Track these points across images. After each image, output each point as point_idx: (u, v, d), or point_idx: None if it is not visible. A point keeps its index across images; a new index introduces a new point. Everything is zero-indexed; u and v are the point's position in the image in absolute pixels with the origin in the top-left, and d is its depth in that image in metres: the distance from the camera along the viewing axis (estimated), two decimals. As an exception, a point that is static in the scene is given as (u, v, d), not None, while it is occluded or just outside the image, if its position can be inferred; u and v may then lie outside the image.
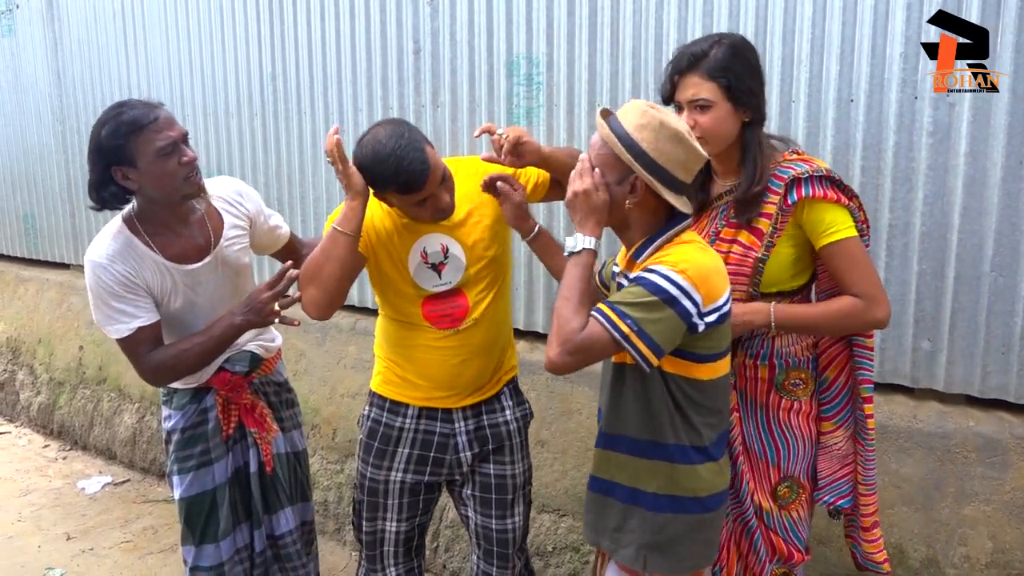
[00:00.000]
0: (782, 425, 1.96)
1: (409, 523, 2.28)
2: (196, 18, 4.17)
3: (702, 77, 1.82)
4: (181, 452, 2.28)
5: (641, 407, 1.72)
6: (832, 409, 1.99)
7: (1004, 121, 2.25)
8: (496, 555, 2.27)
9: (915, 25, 2.32)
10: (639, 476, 1.74)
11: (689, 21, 2.67)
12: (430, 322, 2.11)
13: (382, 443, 2.23)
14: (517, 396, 2.32)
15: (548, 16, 2.98)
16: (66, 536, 3.69)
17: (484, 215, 2.12)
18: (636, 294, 1.61)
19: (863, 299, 1.83)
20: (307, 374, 3.84)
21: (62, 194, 5.24)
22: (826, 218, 1.83)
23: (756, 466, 1.98)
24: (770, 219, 1.85)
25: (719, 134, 1.85)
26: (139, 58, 4.51)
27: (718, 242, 1.91)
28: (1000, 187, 2.28)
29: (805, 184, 1.83)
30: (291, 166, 3.91)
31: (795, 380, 1.95)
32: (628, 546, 1.76)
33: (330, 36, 3.63)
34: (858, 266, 1.84)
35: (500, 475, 2.24)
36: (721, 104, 1.82)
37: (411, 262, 2.07)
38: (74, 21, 4.87)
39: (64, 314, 5.14)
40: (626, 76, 2.83)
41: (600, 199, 1.67)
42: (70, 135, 5.07)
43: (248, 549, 2.40)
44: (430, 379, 2.16)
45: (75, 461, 4.64)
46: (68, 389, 4.93)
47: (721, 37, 1.86)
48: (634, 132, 1.64)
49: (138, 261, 2.08)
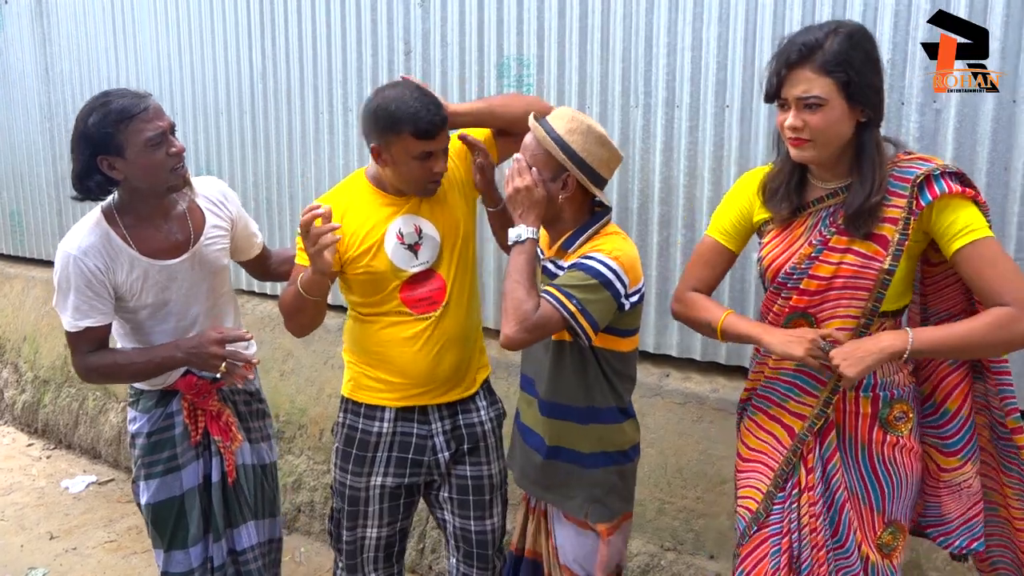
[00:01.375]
0: (887, 463, 1.75)
1: (390, 528, 2.27)
2: (186, 14, 4.15)
3: (815, 72, 1.59)
4: (148, 457, 2.23)
5: (578, 379, 1.94)
6: (958, 443, 1.76)
7: (989, 127, 2.27)
8: (476, 556, 2.27)
9: (903, 31, 2.34)
10: (579, 439, 1.97)
11: (679, 24, 2.68)
12: (409, 307, 2.12)
13: (360, 449, 2.22)
14: (490, 396, 2.34)
15: (539, 18, 2.98)
16: (49, 535, 3.67)
17: (453, 195, 2.18)
18: (578, 278, 1.81)
19: (1015, 306, 1.56)
20: (294, 374, 3.83)
21: (49, 191, 5.21)
22: (961, 216, 1.59)
23: (859, 512, 1.77)
24: (896, 225, 1.62)
25: (831, 136, 1.63)
26: (128, 55, 4.49)
27: (826, 251, 1.68)
28: (985, 192, 2.29)
29: (937, 181, 1.60)
30: (280, 165, 3.90)
31: (899, 413, 1.75)
32: (572, 499, 1.98)
33: (321, 35, 3.62)
34: (1003, 269, 1.58)
35: (477, 476, 2.24)
36: (836, 102, 1.60)
37: (388, 244, 2.09)
38: (63, 16, 4.84)
39: (50, 312, 5.11)
40: (616, 78, 2.84)
41: (540, 194, 1.87)
42: (57, 132, 5.04)
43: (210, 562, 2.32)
44: (407, 375, 2.15)
45: (59, 460, 4.61)
46: (53, 387, 4.90)
47: (838, 25, 1.61)
48: (566, 135, 1.86)
49: (111, 257, 2.08)
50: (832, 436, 1.76)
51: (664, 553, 2.81)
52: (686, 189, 2.75)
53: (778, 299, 1.76)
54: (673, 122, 2.75)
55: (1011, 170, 2.27)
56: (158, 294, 2.15)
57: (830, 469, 1.76)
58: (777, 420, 1.82)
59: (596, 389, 1.94)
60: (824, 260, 1.68)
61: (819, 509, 1.75)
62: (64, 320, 2.10)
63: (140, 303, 2.14)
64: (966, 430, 1.76)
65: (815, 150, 1.64)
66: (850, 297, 1.67)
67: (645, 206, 2.84)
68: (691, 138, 2.72)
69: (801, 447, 1.76)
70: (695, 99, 2.70)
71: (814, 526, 1.75)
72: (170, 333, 2.21)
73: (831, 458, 1.75)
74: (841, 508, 1.75)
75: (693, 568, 2.75)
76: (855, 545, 1.75)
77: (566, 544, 2.05)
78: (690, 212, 2.76)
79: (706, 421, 2.77)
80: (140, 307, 2.15)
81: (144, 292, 2.13)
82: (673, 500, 2.82)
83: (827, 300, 1.70)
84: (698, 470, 2.78)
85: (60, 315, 2.11)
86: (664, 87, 2.74)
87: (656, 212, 2.82)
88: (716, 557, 2.72)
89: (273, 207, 3.96)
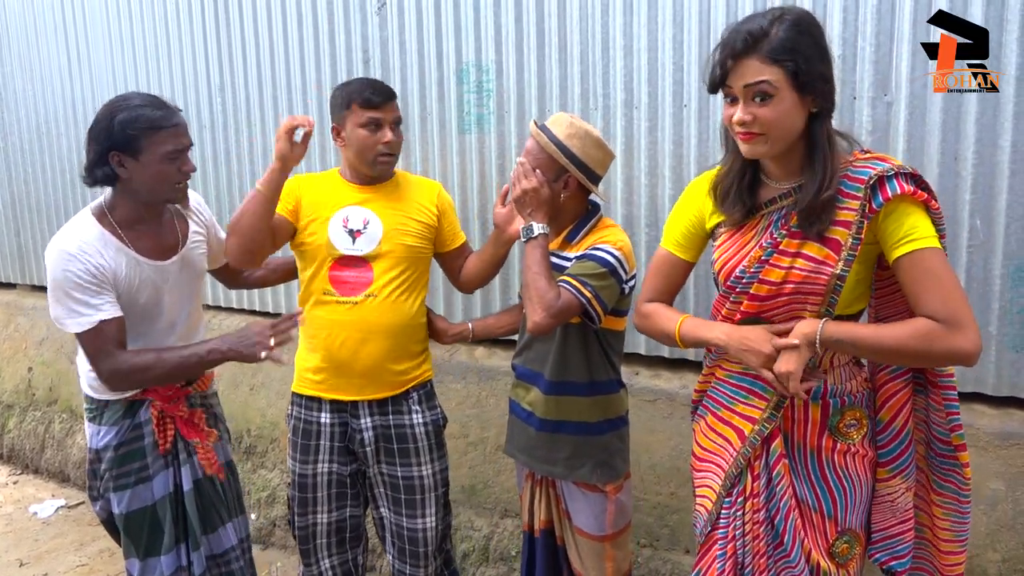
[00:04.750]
0: (837, 470, 1.68)
1: (339, 513, 2.44)
2: (140, 29, 4.10)
3: (763, 61, 1.50)
4: (117, 470, 2.19)
5: (583, 356, 2.13)
6: (888, 455, 1.70)
7: (938, 118, 2.33)
8: (408, 553, 2.40)
9: (851, 26, 2.39)
10: (585, 411, 2.15)
11: (634, 27, 2.71)
12: (333, 286, 2.31)
13: (304, 438, 2.40)
14: (428, 402, 2.45)
15: (496, 23, 3.00)
16: (19, 563, 3.60)
17: (421, 217, 2.39)
18: (590, 267, 2.02)
19: (945, 323, 1.48)
20: (265, 388, 3.79)
21: (6, 212, 5.11)
22: (908, 222, 1.52)
23: (810, 520, 1.70)
24: (848, 228, 1.55)
25: (783, 129, 1.54)
26: (83, 73, 4.43)
27: (776, 255, 1.61)
28: (937, 183, 2.35)
29: (890, 181, 1.52)
30: (243, 178, 3.87)
31: (850, 421, 1.68)
32: (583, 467, 2.15)
33: (278, 46, 3.60)
34: (940, 283, 1.49)
35: (407, 476, 2.38)
36: (786, 93, 1.51)
37: (332, 223, 2.31)
38: (13, 37, 4.76)
39: (11, 335, 5.02)
40: (575, 81, 2.86)
41: (546, 193, 2.06)
42: (12, 153, 4.95)
43: (187, 571, 2.28)
44: (330, 359, 2.32)
45: (26, 485, 4.52)
46: (17, 411, 4.80)
47: (784, 12, 1.53)
48: (566, 139, 2.06)
49: (109, 254, 2.07)
50: (778, 443, 1.70)
51: (640, 550, 2.83)
52: (648, 188, 2.79)
53: (727, 302, 1.71)
54: (632, 123, 2.78)
55: (960, 159, 2.32)
56: (152, 294, 2.16)
57: (775, 476, 1.70)
58: (727, 423, 1.78)
59: (598, 364, 2.14)
60: (774, 264, 1.61)
61: (762, 516, 1.71)
62: (71, 324, 2.02)
63: (133, 302, 2.13)
64: (898, 442, 1.69)
65: (767, 144, 1.56)
66: (801, 302, 1.61)
67: (608, 207, 2.86)
68: (651, 138, 2.75)
69: (751, 451, 1.72)
70: (653, 99, 2.73)
71: (756, 533, 1.71)
72: (158, 334, 2.21)
73: (776, 465, 1.70)
74: (787, 516, 1.69)
75: (670, 564, 2.78)
76: (801, 554, 1.68)
77: (577, 508, 2.21)
78: (652, 211, 2.79)
79: (677, 417, 2.80)
80: (131, 306, 2.13)
81: (139, 291, 2.13)
82: (647, 497, 2.84)
83: (778, 305, 1.64)
84: (671, 466, 2.80)
85: (65, 321, 2.03)
86: (622, 88, 2.77)
87: (619, 212, 2.84)
88: (692, 552, 2.75)
89: (237, 221, 3.92)
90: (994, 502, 2.35)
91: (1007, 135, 2.26)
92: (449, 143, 3.20)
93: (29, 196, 4.93)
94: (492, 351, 3.31)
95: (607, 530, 2.18)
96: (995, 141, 2.28)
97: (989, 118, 2.28)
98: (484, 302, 3.25)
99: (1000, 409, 2.43)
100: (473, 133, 3.14)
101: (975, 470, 2.35)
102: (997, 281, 2.34)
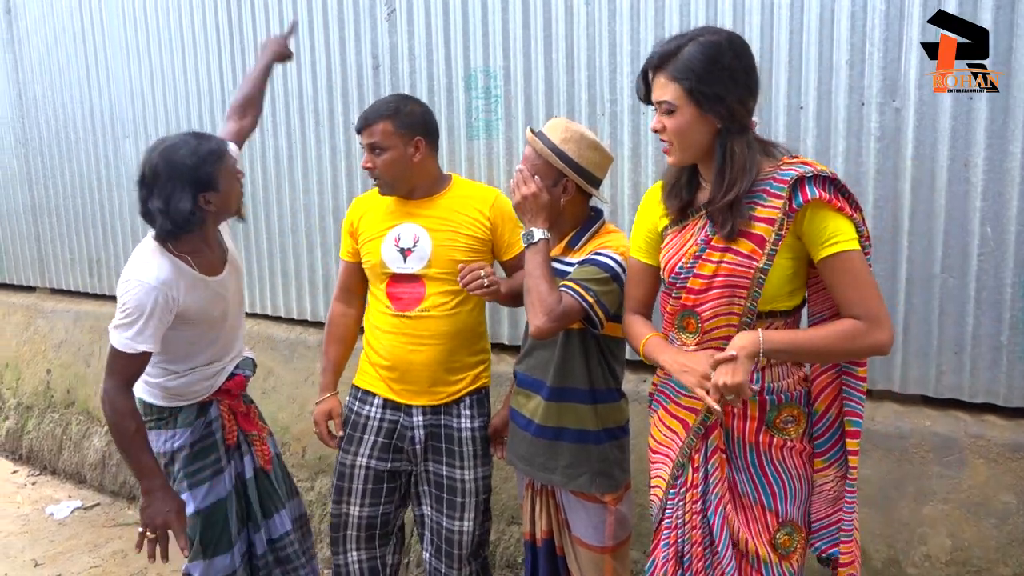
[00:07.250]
0: (775, 464, 1.78)
1: (372, 509, 2.46)
2: (156, 38, 4.15)
3: (667, 78, 1.67)
4: (192, 466, 2.33)
5: (583, 363, 2.11)
6: (822, 445, 1.81)
7: (948, 124, 2.29)
8: (444, 553, 2.42)
9: (859, 33, 2.36)
10: (585, 419, 2.12)
11: (641, 32, 2.70)
12: (389, 300, 2.38)
13: (351, 429, 2.47)
14: (479, 408, 2.44)
15: (504, 29, 3.00)
16: (34, 563, 3.65)
17: (472, 231, 2.37)
18: (593, 272, 2.00)
19: (864, 321, 1.63)
20: (276, 392, 3.82)
21: (27, 216, 5.19)
22: (828, 226, 1.63)
23: (750, 512, 1.79)
24: (772, 225, 1.66)
25: (686, 140, 1.70)
26: (101, 80, 4.49)
27: (708, 250, 1.73)
28: (947, 189, 2.32)
29: (809, 184, 1.63)
30: (256, 185, 3.90)
31: (787, 417, 1.78)
32: (581, 476, 2.12)
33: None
34: (860, 283, 1.64)
35: (451, 477, 2.39)
36: (685, 108, 1.66)
37: (385, 242, 2.38)
38: (34, 43, 4.84)
39: (31, 338, 5.09)
40: (582, 86, 2.86)
41: (545, 199, 2.05)
42: (33, 157, 5.03)
43: (246, 556, 2.45)
44: (386, 358, 2.39)
45: (44, 486, 4.58)
46: (36, 413, 4.87)
47: (700, 33, 1.67)
48: (561, 144, 2.05)
49: (184, 283, 2.18)
50: (715, 436, 1.79)
51: (643, 558, 2.81)
52: (655, 195, 2.77)
53: (670, 298, 1.81)
54: (639, 128, 2.77)
55: (970, 166, 2.29)
56: (221, 305, 2.31)
57: (710, 467, 1.79)
58: (674, 415, 1.88)
59: (598, 372, 2.13)
60: (707, 259, 1.72)
61: (699, 507, 1.81)
62: (120, 340, 2.10)
63: (208, 316, 2.27)
64: (832, 433, 1.80)
65: (674, 153, 1.73)
66: (730, 296, 1.71)
67: (615, 213, 2.85)
68: (658, 144, 2.72)
69: (695, 440, 1.81)
70: (660, 105, 2.71)
71: (694, 523, 1.81)
72: (226, 335, 2.38)
73: (711, 457, 1.79)
74: (716, 507, 1.78)
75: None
76: (727, 546, 1.77)
77: (576, 518, 2.20)
78: (660, 218, 2.78)
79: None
80: (207, 319, 2.27)
81: (212, 307, 2.27)
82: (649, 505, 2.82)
83: (709, 299, 1.74)
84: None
85: (118, 335, 2.11)
86: (629, 94, 2.76)
87: (627, 219, 2.83)
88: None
89: (260, 230, 3.95)
90: (1005, 516, 2.30)
91: (1018, 141, 2.22)
92: (458, 149, 3.21)
93: (49, 201, 5.01)
94: (500, 357, 3.30)
95: (607, 542, 2.16)
96: (1005, 147, 2.24)
97: (999, 124, 2.24)
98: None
99: (1012, 420, 2.38)
100: (481, 139, 3.14)
101: (985, 482, 2.32)
102: (1008, 290, 2.30)
